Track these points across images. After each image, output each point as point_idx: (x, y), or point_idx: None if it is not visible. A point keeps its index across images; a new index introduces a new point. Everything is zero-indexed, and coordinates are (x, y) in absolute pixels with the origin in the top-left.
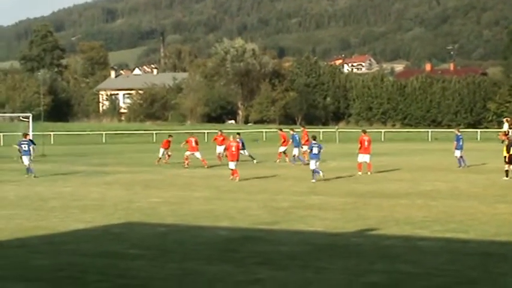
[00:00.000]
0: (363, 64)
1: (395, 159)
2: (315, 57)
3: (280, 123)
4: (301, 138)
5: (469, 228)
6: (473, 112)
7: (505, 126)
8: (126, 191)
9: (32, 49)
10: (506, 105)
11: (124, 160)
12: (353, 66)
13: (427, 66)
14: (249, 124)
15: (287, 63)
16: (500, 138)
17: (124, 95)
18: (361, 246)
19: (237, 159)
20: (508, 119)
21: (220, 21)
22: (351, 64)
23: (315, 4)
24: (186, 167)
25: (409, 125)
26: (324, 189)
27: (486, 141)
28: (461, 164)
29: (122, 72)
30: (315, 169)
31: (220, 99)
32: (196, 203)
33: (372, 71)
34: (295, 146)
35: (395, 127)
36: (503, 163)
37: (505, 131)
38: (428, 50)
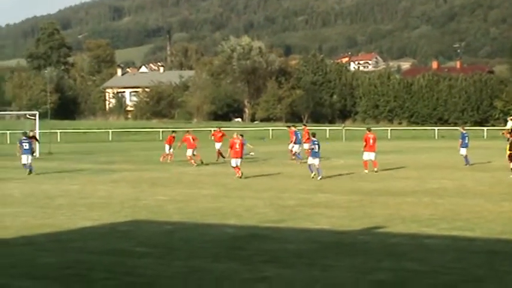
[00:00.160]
0: (370, 62)
1: (401, 157)
2: (322, 55)
3: (286, 121)
4: (302, 136)
5: (475, 226)
6: (479, 110)
7: (509, 124)
8: (132, 189)
9: (39, 47)
10: None
11: (130, 158)
12: (359, 64)
13: (434, 64)
14: (256, 122)
15: (293, 61)
16: (505, 135)
17: (130, 93)
18: (367, 244)
19: (240, 157)
20: None
21: (226, 19)
22: (357, 62)
23: (322, 2)
24: (194, 165)
25: (415, 123)
26: (330, 187)
27: (493, 139)
28: (469, 162)
29: (128, 70)
30: (312, 166)
31: (226, 97)
32: (203, 200)
33: (379, 68)
34: (296, 143)
35: (401, 125)
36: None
37: (508, 129)
38: (435, 47)
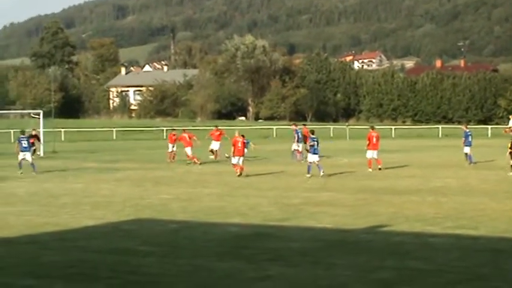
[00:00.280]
0: (374, 60)
1: (405, 156)
2: (326, 54)
3: (290, 120)
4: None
5: (479, 224)
6: (484, 108)
7: (511, 122)
8: (136, 188)
9: (43, 46)
10: None
11: (134, 157)
12: (363, 62)
13: (438, 63)
14: (260, 121)
15: (297, 60)
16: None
17: (134, 91)
18: (371, 243)
19: (242, 155)
20: None
21: (230, 18)
22: (361, 60)
23: (325, 0)
24: (198, 163)
25: (419, 121)
26: (334, 185)
27: (497, 138)
28: (472, 160)
29: (132, 69)
30: (316, 164)
31: (230, 96)
32: (207, 199)
33: (383, 67)
34: (297, 142)
35: (405, 123)
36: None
37: (510, 127)
38: (439, 46)
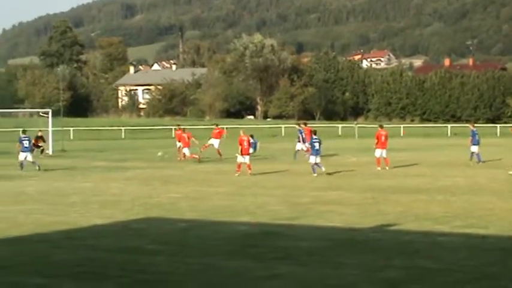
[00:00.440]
0: (382, 59)
1: (414, 155)
2: (334, 53)
3: (299, 119)
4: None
5: (488, 223)
6: (492, 107)
7: None
8: (145, 187)
9: (52, 45)
10: None
11: (143, 155)
12: (372, 61)
13: (446, 62)
14: (268, 119)
15: (306, 59)
16: None
17: (143, 90)
18: (380, 242)
19: (248, 154)
20: None
21: (239, 17)
22: (369, 59)
23: None
24: (197, 158)
25: (428, 120)
26: (343, 184)
27: (505, 137)
28: (480, 159)
29: (140, 67)
30: (315, 163)
31: (239, 95)
32: (216, 198)
33: (391, 66)
34: (300, 141)
35: (414, 122)
36: None
37: None
38: (447, 45)
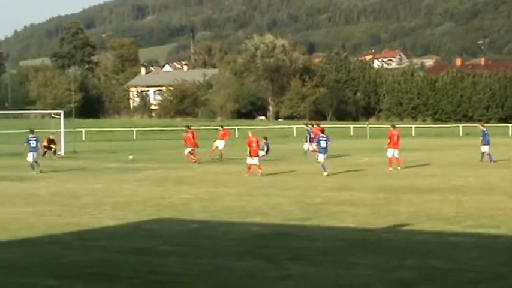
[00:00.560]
0: (393, 59)
1: (426, 155)
2: (345, 53)
3: (310, 119)
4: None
5: (500, 223)
6: (504, 107)
7: None
8: (157, 188)
9: (63, 46)
10: None
11: (155, 156)
12: (383, 61)
13: (458, 61)
14: (279, 120)
15: (317, 59)
16: None
17: (154, 91)
18: (392, 242)
19: (256, 155)
20: None
21: (250, 18)
22: (381, 59)
23: None
24: (194, 160)
25: (439, 120)
26: (355, 184)
27: None
28: (492, 159)
29: (152, 68)
30: (323, 164)
31: (250, 96)
32: (228, 199)
33: (402, 66)
34: (308, 141)
35: (425, 122)
36: None
37: None
38: (459, 44)
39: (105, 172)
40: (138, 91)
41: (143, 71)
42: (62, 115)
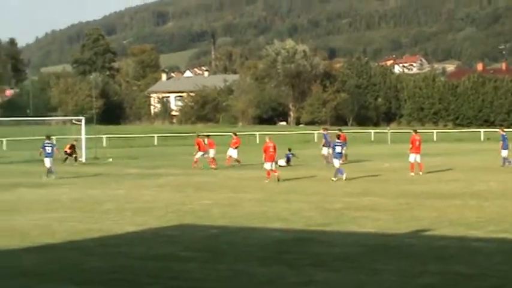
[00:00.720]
0: (414, 64)
1: (448, 160)
2: (366, 58)
3: (331, 125)
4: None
5: None
6: None
7: None
8: (178, 193)
9: (84, 53)
10: None
11: (176, 162)
12: (404, 66)
13: (479, 66)
14: (301, 125)
15: (338, 64)
16: None
17: (175, 97)
18: (414, 247)
19: (272, 160)
20: None
21: (270, 23)
22: (402, 64)
23: (365, 4)
24: (194, 166)
25: (461, 125)
26: (376, 190)
27: None
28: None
29: (173, 74)
30: (339, 168)
31: (271, 101)
32: (248, 204)
33: (423, 71)
34: (325, 146)
35: (447, 127)
36: None
37: None
38: (480, 49)
39: (126, 178)
40: (159, 97)
41: (164, 77)
42: (83, 121)
